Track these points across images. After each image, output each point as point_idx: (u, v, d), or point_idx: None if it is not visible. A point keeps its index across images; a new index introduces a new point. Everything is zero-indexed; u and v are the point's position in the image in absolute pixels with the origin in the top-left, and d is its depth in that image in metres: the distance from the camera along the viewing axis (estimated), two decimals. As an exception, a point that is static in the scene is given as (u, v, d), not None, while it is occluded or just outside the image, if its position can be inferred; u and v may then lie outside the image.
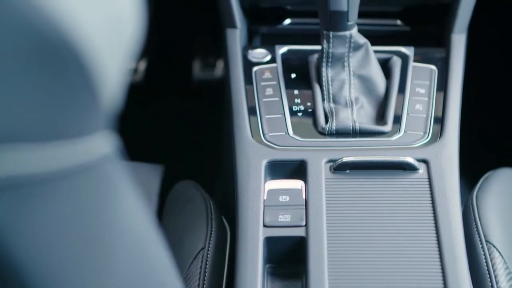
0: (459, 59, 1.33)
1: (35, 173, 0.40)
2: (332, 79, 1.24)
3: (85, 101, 0.42)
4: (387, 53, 1.33)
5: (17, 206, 0.40)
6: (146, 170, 1.33)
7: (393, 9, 1.48)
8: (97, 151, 0.45)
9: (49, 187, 0.41)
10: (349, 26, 1.21)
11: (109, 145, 0.46)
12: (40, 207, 0.41)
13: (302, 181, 1.12)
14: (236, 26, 1.39)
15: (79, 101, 0.42)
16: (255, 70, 1.32)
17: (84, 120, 0.43)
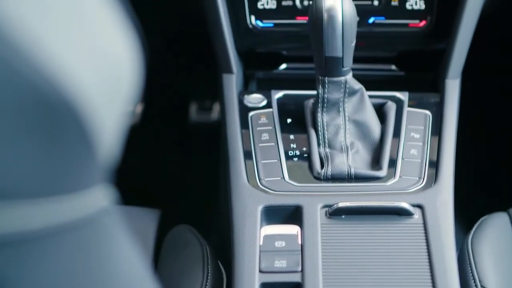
0: (453, 105, 1.34)
1: (34, 229, 0.40)
2: (327, 124, 1.25)
3: (83, 157, 0.43)
4: (382, 98, 1.35)
5: (16, 261, 0.41)
6: (143, 215, 1.33)
7: (387, 54, 1.49)
8: (95, 205, 0.45)
9: (47, 242, 0.42)
10: (344, 71, 1.22)
11: (106, 198, 0.47)
12: (39, 262, 0.42)
13: (298, 226, 1.13)
14: (233, 71, 1.40)
15: (77, 157, 0.42)
16: (251, 115, 1.33)
17: (82, 175, 0.44)
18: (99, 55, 0.45)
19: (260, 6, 1.42)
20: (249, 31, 1.43)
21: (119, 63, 0.47)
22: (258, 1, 1.42)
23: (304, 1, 1.41)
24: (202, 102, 2.09)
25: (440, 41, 1.41)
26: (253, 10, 1.42)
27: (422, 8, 1.41)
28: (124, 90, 0.48)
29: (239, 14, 1.42)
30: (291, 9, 1.42)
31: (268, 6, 1.42)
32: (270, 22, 1.43)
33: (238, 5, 1.41)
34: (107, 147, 0.46)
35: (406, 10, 1.41)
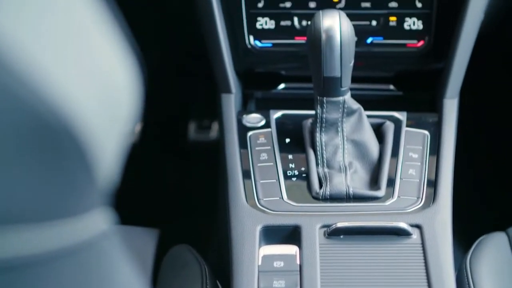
0: (451, 124, 1.35)
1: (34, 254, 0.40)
2: (326, 144, 1.25)
3: (82, 181, 0.43)
4: (380, 118, 1.35)
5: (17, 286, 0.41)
6: (141, 234, 1.33)
7: (385, 74, 1.50)
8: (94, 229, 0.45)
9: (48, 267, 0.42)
10: (342, 91, 1.23)
11: (105, 221, 0.47)
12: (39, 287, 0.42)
13: (296, 246, 1.13)
14: (231, 91, 1.41)
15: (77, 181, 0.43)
16: (249, 135, 1.33)
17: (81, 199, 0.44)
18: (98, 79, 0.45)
19: (258, 26, 1.43)
20: (247, 51, 1.44)
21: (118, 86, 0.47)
22: (256, 21, 1.42)
23: (303, 21, 1.42)
24: (201, 121, 2.10)
25: (438, 61, 1.42)
26: (252, 30, 1.43)
27: (420, 28, 1.42)
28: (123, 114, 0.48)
29: (238, 34, 1.42)
30: (290, 29, 1.43)
31: (267, 26, 1.43)
32: (269, 42, 1.44)
33: (237, 25, 1.42)
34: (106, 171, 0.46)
35: (404, 30, 1.42)
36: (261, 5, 1.42)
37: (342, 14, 1.19)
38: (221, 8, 1.38)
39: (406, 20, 1.42)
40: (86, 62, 0.45)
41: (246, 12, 1.42)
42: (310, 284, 1.07)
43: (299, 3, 1.42)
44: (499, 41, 1.75)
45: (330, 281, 1.09)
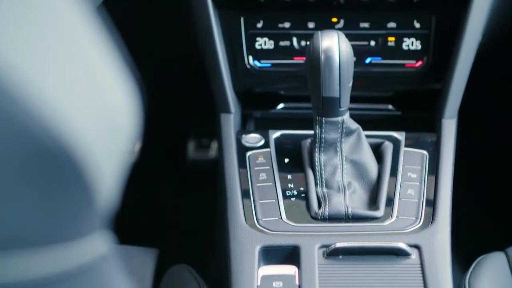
0: (450, 144, 1.35)
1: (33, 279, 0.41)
2: (324, 164, 1.26)
3: (82, 205, 0.43)
4: (379, 138, 1.35)
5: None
6: (140, 254, 1.33)
7: (384, 94, 1.51)
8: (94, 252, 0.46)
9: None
10: (341, 112, 1.23)
11: (105, 244, 0.47)
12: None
13: (295, 267, 1.13)
14: (231, 111, 1.41)
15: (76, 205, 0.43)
16: (248, 155, 1.33)
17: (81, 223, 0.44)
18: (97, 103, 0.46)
19: (258, 47, 1.43)
20: (247, 71, 1.44)
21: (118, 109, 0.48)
22: (256, 41, 1.43)
23: (302, 42, 1.43)
24: (200, 140, 2.10)
25: (436, 81, 1.43)
26: (251, 50, 1.43)
27: (418, 48, 1.42)
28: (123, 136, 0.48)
29: (237, 54, 1.43)
30: (289, 49, 1.43)
31: (266, 46, 1.43)
32: (268, 62, 1.44)
33: (236, 45, 1.43)
34: (106, 194, 0.46)
35: (403, 51, 1.43)
36: (260, 25, 1.43)
37: (341, 34, 1.20)
38: (221, 29, 1.39)
39: (405, 40, 1.43)
40: (85, 85, 0.45)
41: (245, 33, 1.42)
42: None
43: (298, 24, 1.42)
44: (497, 61, 1.75)
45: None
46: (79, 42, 0.46)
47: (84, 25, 0.47)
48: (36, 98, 0.40)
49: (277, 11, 1.42)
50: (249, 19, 1.42)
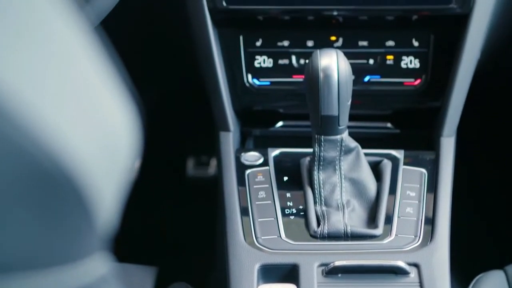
0: (449, 162, 1.36)
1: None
2: (323, 182, 1.26)
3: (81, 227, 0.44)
4: (378, 156, 1.36)
5: None
6: (139, 272, 1.33)
7: (383, 112, 1.51)
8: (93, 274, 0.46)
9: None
10: (340, 130, 1.24)
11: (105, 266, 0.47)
12: None
13: (294, 285, 1.13)
14: (230, 129, 1.42)
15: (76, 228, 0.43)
16: (248, 173, 1.33)
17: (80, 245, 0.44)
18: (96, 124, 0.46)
19: (257, 65, 1.44)
20: (246, 89, 1.45)
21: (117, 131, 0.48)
22: (255, 59, 1.44)
23: (301, 60, 1.43)
24: (199, 158, 2.10)
25: (435, 100, 1.43)
26: (250, 68, 1.44)
27: (416, 67, 1.43)
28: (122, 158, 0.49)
29: (236, 72, 1.44)
30: (288, 67, 1.44)
31: (265, 64, 1.44)
32: (267, 81, 1.45)
33: (235, 64, 1.43)
34: (105, 215, 0.47)
35: (401, 69, 1.43)
36: (259, 43, 1.43)
37: (340, 53, 1.20)
38: (220, 47, 1.40)
39: (403, 58, 1.43)
40: (84, 106, 0.45)
41: (244, 51, 1.43)
42: None
43: (297, 42, 1.43)
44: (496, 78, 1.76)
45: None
46: (78, 63, 0.46)
47: (83, 45, 0.47)
48: (34, 119, 0.40)
49: (276, 30, 1.43)
50: (248, 38, 1.43)
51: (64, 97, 0.43)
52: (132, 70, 1.24)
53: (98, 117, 0.46)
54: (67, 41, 0.46)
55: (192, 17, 1.38)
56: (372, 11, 1.38)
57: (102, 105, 0.47)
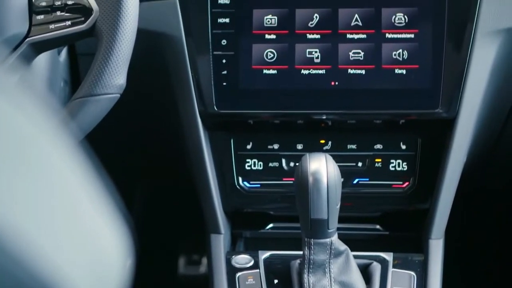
0: (437, 265, 1.37)
1: None
2: (313, 285, 1.26)
3: None
4: (367, 259, 1.37)
5: None
6: None
7: (372, 214, 1.52)
8: None
9: None
10: (329, 233, 1.25)
11: None
12: None
13: None
14: (221, 232, 1.43)
15: None
16: (238, 276, 1.34)
17: None
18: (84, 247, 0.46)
19: (247, 168, 1.46)
20: (236, 191, 1.46)
21: (106, 252, 0.49)
22: (245, 162, 1.46)
23: (291, 163, 1.46)
24: (190, 256, 2.10)
25: (423, 202, 1.45)
26: (241, 171, 1.46)
27: (405, 169, 1.45)
28: (111, 277, 0.49)
29: (227, 175, 1.46)
30: (278, 170, 1.46)
31: (255, 167, 1.46)
32: (257, 183, 1.47)
33: (226, 166, 1.45)
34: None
35: (389, 172, 1.46)
36: (250, 147, 1.46)
37: (329, 157, 1.23)
38: (211, 150, 1.42)
39: (392, 161, 1.45)
40: (72, 229, 0.46)
41: (235, 154, 1.45)
42: None
43: (287, 145, 1.46)
44: (483, 179, 1.78)
45: None
46: (68, 190, 0.47)
47: (72, 170, 0.48)
48: (21, 243, 0.41)
49: (266, 133, 1.46)
50: (239, 141, 1.46)
51: (50, 220, 0.44)
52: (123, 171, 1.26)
53: (86, 239, 0.47)
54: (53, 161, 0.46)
55: (184, 120, 1.41)
56: (360, 115, 1.41)
57: (91, 227, 0.48)
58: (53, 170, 0.46)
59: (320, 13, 1.37)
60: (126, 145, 1.73)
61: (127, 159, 1.80)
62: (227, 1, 1.38)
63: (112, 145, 1.64)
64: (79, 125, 1.04)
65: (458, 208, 1.46)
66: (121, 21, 1.05)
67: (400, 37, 1.36)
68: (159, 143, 1.65)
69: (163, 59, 1.40)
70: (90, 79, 1.04)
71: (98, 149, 0.92)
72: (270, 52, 1.38)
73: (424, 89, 1.36)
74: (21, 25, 1.07)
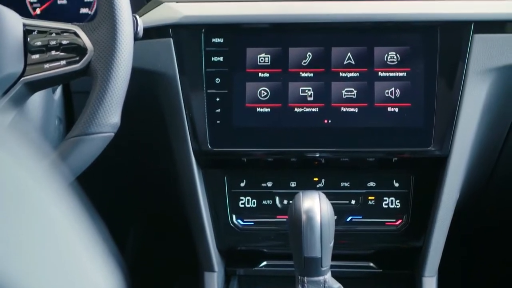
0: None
1: None
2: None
3: None
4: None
5: None
6: None
7: (365, 252, 1.52)
8: None
9: None
10: (323, 271, 1.25)
11: None
12: None
13: None
14: (214, 270, 1.43)
15: None
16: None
17: None
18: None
19: (241, 205, 1.46)
20: (230, 229, 1.47)
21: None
22: (239, 200, 1.46)
23: (284, 200, 1.46)
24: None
25: (416, 239, 1.45)
26: (234, 209, 1.46)
27: (397, 207, 1.46)
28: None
29: (221, 213, 1.46)
30: (271, 208, 1.46)
31: (249, 205, 1.46)
32: (251, 221, 1.47)
33: (220, 204, 1.46)
34: None
35: (383, 209, 1.46)
36: (244, 184, 1.46)
37: (322, 195, 1.23)
38: (205, 188, 1.43)
39: (385, 199, 1.46)
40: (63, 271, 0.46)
41: (228, 192, 1.46)
42: None
43: (281, 183, 1.46)
44: (477, 217, 1.78)
45: None
46: (56, 231, 0.47)
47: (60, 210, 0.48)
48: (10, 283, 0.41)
49: (260, 171, 1.46)
50: (233, 179, 1.46)
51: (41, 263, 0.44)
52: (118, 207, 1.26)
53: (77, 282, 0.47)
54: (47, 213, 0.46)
55: (177, 158, 1.42)
56: (353, 153, 1.41)
57: (85, 276, 0.48)
58: (43, 216, 0.46)
59: (313, 52, 1.38)
60: (118, 184, 1.73)
61: (119, 199, 1.80)
62: (221, 39, 1.39)
63: (104, 184, 1.64)
64: (73, 164, 1.04)
65: (454, 246, 1.46)
66: (116, 60, 1.06)
67: (392, 75, 1.38)
68: (153, 180, 1.65)
69: (157, 97, 1.41)
70: (84, 118, 1.04)
71: (90, 189, 0.93)
72: (264, 90, 1.39)
73: (417, 127, 1.37)
74: (16, 64, 1.08)
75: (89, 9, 1.57)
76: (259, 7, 1.40)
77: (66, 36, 1.09)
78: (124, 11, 1.09)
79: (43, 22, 1.12)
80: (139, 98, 1.31)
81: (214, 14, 1.39)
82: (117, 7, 1.08)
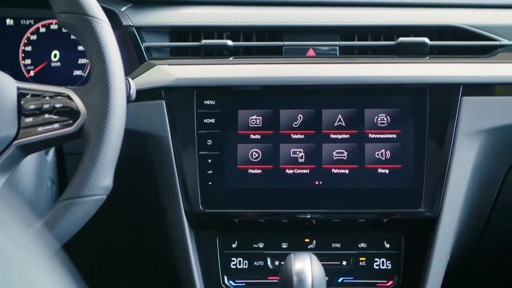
0: None
1: None
2: None
3: None
4: None
5: None
6: None
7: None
8: None
9: None
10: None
11: None
12: None
13: None
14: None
15: None
16: None
17: None
18: None
19: (232, 266, 1.46)
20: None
21: None
22: (231, 261, 1.46)
23: (276, 262, 1.46)
24: None
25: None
26: (226, 270, 1.46)
27: (389, 268, 1.46)
28: None
29: (212, 274, 1.46)
30: (263, 269, 1.46)
31: (241, 266, 1.46)
32: (243, 282, 1.47)
33: (211, 265, 1.45)
34: None
35: (374, 270, 1.46)
36: (235, 245, 1.46)
37: (313, 257, 1.23)
38: (196, 249, 1.42)
39: (376, 260, 1.46)
40: None
41: (220, 253, 1.46)
42: None
43: (272, 244, 1.46)
44: (468, 279, 1.78)
45: None
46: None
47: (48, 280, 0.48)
48: None
49: (252, 232, 1.47)
50: (224, 240, 1.46)
51: None
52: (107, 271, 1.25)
53: None
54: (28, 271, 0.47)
55: (169, 219, 1.42)
56: (344, 214, 1.42)
57: None
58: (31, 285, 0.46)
59: (304, 114, 1.40)
60: (108, 245, 1.72)
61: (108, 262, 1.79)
62: (212, 102, 1.41)
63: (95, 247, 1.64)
64: (65, 226, 1.05)
65: None
66: (108, 124, 1.07)
67: (382, 137, 1.39)
68: (144, 241, 1.65)
69: (149, 158, 1.42)
70: (77, 180, 1.05)
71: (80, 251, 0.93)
72: (255, 152, 1.40)
73: (407, 188, 1.38)
74: (9, 128, 1.09)
75: (82, 71, 1.59)
76: (251, 70, 1.42)
77: (59, 100, 1.11)
78: (117, 74, 1.10)
79: (37, 86, 1.14)
80: (131, 159, 1.31)
81: (206, 77, 1.41)
82: (110, 70, 1.09)
